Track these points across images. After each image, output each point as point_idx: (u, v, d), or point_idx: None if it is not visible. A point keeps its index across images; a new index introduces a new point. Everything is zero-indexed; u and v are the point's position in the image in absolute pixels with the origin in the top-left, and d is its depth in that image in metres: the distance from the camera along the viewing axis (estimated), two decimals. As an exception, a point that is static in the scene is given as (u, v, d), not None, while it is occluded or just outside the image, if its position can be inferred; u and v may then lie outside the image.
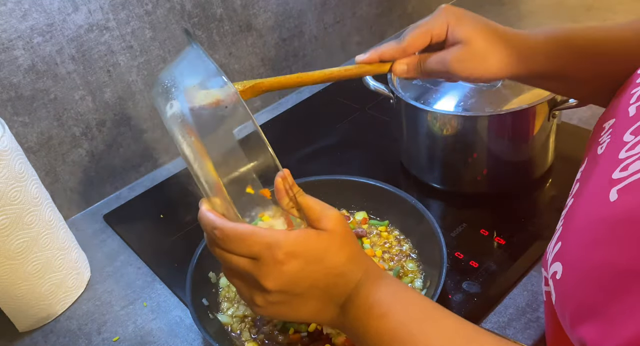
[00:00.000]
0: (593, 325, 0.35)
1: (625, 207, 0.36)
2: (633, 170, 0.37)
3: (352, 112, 1.05)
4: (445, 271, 0.61)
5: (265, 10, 1.03)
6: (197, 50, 0.44)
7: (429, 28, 0.56)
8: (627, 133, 0.42)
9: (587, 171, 0.46)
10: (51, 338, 0.72)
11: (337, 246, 0.43)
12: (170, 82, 0.45)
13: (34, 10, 0.76)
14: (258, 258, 0.42)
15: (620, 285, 0.34)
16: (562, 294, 0.40)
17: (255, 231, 0.42)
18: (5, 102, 0.78)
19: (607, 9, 1.22)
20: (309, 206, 0.44)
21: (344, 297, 0.44)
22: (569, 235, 0.42)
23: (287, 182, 0.43)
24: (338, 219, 0.44)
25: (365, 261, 0.45)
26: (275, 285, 0.42)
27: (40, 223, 0.67)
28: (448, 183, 0.82)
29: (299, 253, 0.42)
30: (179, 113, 0.44)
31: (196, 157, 0.44)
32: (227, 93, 0.42)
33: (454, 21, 0.55)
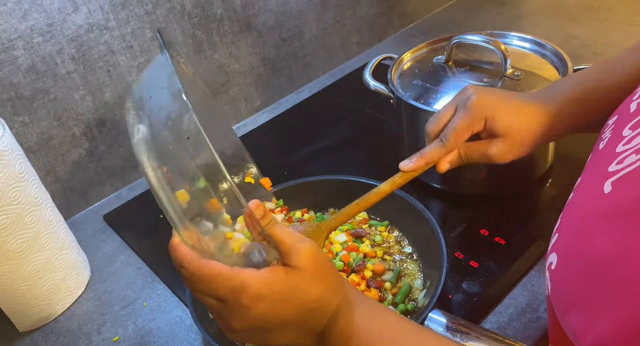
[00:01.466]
0: (581, 313, 0.36)
1: (618, 198, 0.37)
2: (627, 163, 0.38)
3: (352, 112, 1.05)
4: (445, 271, 0.61)
5: (265, 10, 1.03)
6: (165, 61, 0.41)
7: (469, 127, 0.60)
8: (626, 128, 0.43)
9: (588, 166, 0.47)
10: (51, 338, 0.72)
11: (307, 283, 0.42)
12: (139, 100, 0.43)
13: (34, 10, 0.76)
14: (224, 301, 0.41)
15: (603, 274, 0.34)
16: (556, 284, 0.40)
17: (220, 273, 0.41)
18: (5, 102, 0.78)
19: (607, 9, 1.23)
20: (280, 240, 0.43)
21: (320, 327, 0.43)
22: (565, 226, 0.43)
23: (253, 218, 0.41)
24: (309, 254, 0.42)
25: (342, 288, 0.44)
26: (242, 326, 0.42)
27: (40, 223, 0.67)
28: (448, 183, 0.82)
29: (265, 296, 0.41)
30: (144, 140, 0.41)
31: (163, 187, 0.41)
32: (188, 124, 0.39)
33: (491, 115, 0.59)
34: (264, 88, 1.11)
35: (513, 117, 0.59)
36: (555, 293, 0.40)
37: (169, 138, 0.41)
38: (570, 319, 0.37)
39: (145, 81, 0.44)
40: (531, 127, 0.59)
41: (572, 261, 0.39)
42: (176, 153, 0.41)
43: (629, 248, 0.33)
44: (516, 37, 0.81)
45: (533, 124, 0.59)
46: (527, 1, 1.33)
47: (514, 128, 0.59)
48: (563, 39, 1.14)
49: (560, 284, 0.40)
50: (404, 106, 0.77)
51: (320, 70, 1.20)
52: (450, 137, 0.61)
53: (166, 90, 0.41)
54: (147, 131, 0.41)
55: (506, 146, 0.59)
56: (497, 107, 0.60)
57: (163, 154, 0.41)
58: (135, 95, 0.43)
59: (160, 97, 0.41)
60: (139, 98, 0.43)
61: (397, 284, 0.66)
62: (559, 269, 0.40)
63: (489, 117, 0.59)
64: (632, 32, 1.13)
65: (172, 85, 0.40)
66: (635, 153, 0.38)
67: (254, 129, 1.06)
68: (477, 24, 1.27)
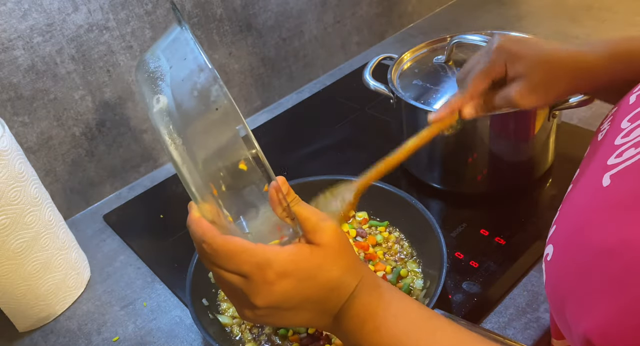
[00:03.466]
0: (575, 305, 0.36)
1: (616, 191, 0.37)
2: (626, 157, 0.38)
3: (352, 112, 1.05)
4: (445, 271, 0.61)
5: (265, 10, 1.03)
6: (186, 36, 0.40)
7: (489, 72, 0.59)
8: (625, 120, 0.42)
9: (587, 158, 0.47)
10: (51, 338, 0.72)
11: (331, 260, 0.42)
12: (157, 70, 0.41)
13: (33, 10, 0.76)
14: (248, 277, 0.40)
15: (598, 265, 0.34)
16: (551, 276, 0.40)
17: (245, 248, 0.40)
18: (5, 102, 0.78)
19: (607, 9, 1.23)
20: (304, 217, 0.42)
21: (337, 308, 0.43)
22: (562, 218, 0.43)
23: (280, 193, 0.41)
24: (333, 232, 0.42)
25: (361, 270, 0.44)
26: (264, 303, 0.41)
27: (40, 223, 0.67)
28: (448, 183, 0.82)
29: (290, 272, 0.40)
30: (166, 111, 0.40)
31: (184, 159, 0.40)
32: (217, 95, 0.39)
33: (511, 58, 0.57)
34: (264, 88, 1.11)
35: (534, 57, 0.56)
36: (550, 284, 0.40)
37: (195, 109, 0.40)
38: (566, 311, 0.37)
39: (160, 52, 0.42)
40: (558, 70, 0.56)
41: (568, 253, 0.39)
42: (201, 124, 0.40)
43: (625, 241, 0.33)
44: (516, 37, 0.81)
45: (560, 68, 0.56)
46: (527, 1, 1.33)
47: (535, 67, 0.56)
48: (563, 39, 1.14)
49: (556, 275, 0.40)
50: (404, 106, 0.77)
51: (320, 70, 1.20)
52: (469, 83, 0.60)
53: (189, 61, 0.40)
54: (168, 101, 0.40)
55: (527, 86, 0.56)
56: (519, 50, 0.57)
57: (186, 125, 0.40)
58: (150, 66, 0.42)
59: (182, 68, 0.41)
60: (156, 69, 0.42)
61: (397, 284, 0.66)
62: (554, 260, 0.40)
63: (509, 60, 0.57)
64: (632, 32, 1.13)
65: (195, 57, 0.39)
66: (634, 146, 0.38)
67: (254, 129, 1.06)
68: (477, 24, 1.27)
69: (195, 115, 0.40)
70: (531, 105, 0.58)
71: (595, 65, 0.55)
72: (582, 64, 0.56)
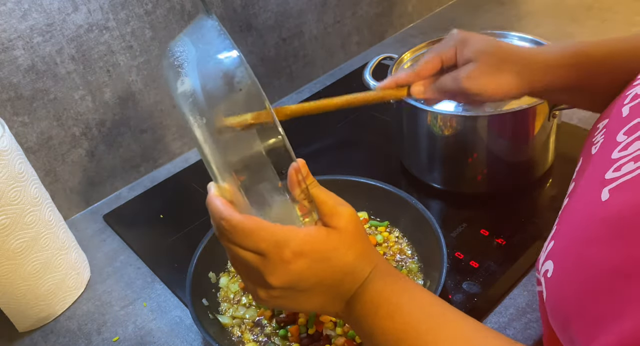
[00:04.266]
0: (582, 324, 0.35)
1: (616, 206, 0.36)
2: (626, 171, 0.38)
3: (352, 112, 1.05)
4: (445, 271, 0.61)
5: (265, 10, 1.03)
6: (213, 23, 0.42)
7: (438, 52, 0.61)
8: (620, 133, 0.42)
9: (581, 171, 0.46)
10: (51, 338, 0.72)
11: (347, 244, 0.43)
12: (182, 55, 0.43)
13: (33, 10, 0.76)
14: (265, 255, 0.41)
15: (607, 284, 0.34)
16: (553, 293, 0.40)
17: (263, 227, 0.41)
18: (5, 102, 0.78)
19: (607, 9, 1.23)
20: (322, 200, 0.43)
21: (350, 293, 0.44)
22: (561, 233, 0.42)
23: (300, 174, 0.42)
24: (350, 217, 0.43)
25: (375, 257, 0.45)
26: (280, 282, 0.42)
27: (40, 223, 0.67)
28: (448, 183, 0.82)
29: (306, 253, 0.41)
30: (190, 91, 0.41)
31: (206, 139, 0.42)
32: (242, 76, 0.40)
33: (461, 43, 0.59)
34: (264, 88, 1.10)
35: (487, 45, 0.57)
36: (552, 302, 0.40)
37: (219, 90, 0.41)
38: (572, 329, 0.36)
39: (187, 38, 0.44)
40: (508, 60, 0.56)
41: (571, 270, 0.38)
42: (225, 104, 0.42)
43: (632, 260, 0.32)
44: (516, 37, 0.81)
45: (510, 59, 0.56)
46: (527, 1, 1.33)
47: (485, 54, 0.57)
48: (563, 39, 1.14)
49: (559, 293, 0.39)
50: (404, 106, 0.77)
51: (320, 70, 1.20)
52: (419, 63, 0.62)
53: (216, 45, 0.41)
54: (193, 83, 0.41)
55: (476, 70, 0.57)
56: (469, 37, 0.59)
57: (210, 105, 0.41)
58: (176, 51, 0.43)
59: (209, 52, 0.42)
60: (182, 53, 0.43)
61: (397, 284, 0.66)
62: (556, 277, 0.40)
63: (459, 45, 0.59)
64: (632, 32, 1.13)
65: (220, 42, 0.41)
66: (633, 160, 0.38)
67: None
68: (477, 24, 1.27)
69: (220, 96, 0.42)
70: (478, 89, 0.57)
71: (549, 60, 0.56)
72: (533, 57, 0.56)
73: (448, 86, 0.60)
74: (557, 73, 0.56)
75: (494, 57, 0.57)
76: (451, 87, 0.59)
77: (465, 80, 0.57)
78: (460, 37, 0.60)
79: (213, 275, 0.71)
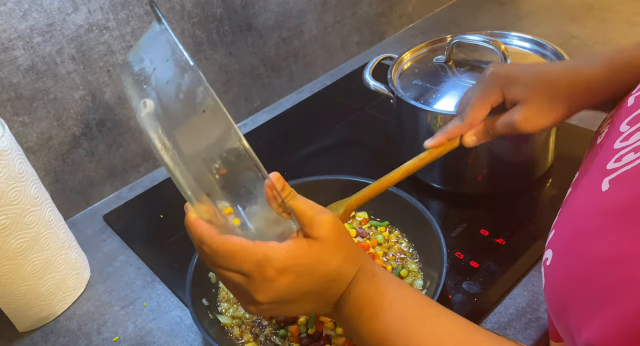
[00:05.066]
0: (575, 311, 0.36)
1: (615, 197, 0.37)
2: (626, 161, 0.38)
3: (352, 112, 1.05)
4: (445, 271, 0.61)
5: (265, 10, 1.03)
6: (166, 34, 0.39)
7: (485, 99, 0.59)
8: (624, 123, 0.42)
9: (586, 161, 0.46)
10: (51, 338, 0.72)
11: (329, 253, 0.42)
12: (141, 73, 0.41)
13: (33, 10, 0.76)
14: (248, 275, 0.41)
15: (600, 272, 0.34)
16: (550, 281, 0.40)
17: (244, 247, 0.40)
18: (5, 102, 0.78)
19: (607, 9, 1.23)
20: (301, 211, 0.43)
21: (336, 297, 0.44)
22: (562, 223, 0.43)
23: (274, 189, 0.41)
24: (331, 224, 0.43)
25: (359, 258, 0.45)
26: (267, 298, 0.42)
27: (40, 223, 0.67)
28: (448, 183, 0.82)
29: (289, 268, 0.41)
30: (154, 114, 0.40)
31: (176, 162, 0.40)
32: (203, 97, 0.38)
33: (507, 83, 0.57)
34: (264, 88, 1.11)
35: (531, 80, 0.56)
36: (550, 290, 0.40)
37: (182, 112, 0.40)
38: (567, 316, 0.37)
39: (143, 53, 0.42)
40: (556, 91, 0.55)
41: (567, 258, 0.39)
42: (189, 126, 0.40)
43: (626, 249, 0.33)
44: (516, 37, 0.81)
45: (558, 89, 0.55)
46: (527, 1, 1.33)
47: (534, 93, 0.56)
48: (563, 39, 1.14)
49: (555, 281, 0.39)
50: (404, 106, 0.77)
51: (320, 70, 1.20)
52: (467, 111, 0.61)
53: (171, 62, 0.39)
54: (155, 105, 0.40)
55: (529, 112, 0.56)
56: (512, 75, 0.57)
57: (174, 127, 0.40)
58: (135, 68, 0.41)
59: (166, 69, 0.40)
60: (140, 71, 0.41)
61: (397, 284, 0.66)
62: (553, 266, 0.40)
63: (504, 85, 0.57)
64: (632, 32, 1.13)
65: (178, 57, 0.39)
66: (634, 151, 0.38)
67: (254, 129, 1.06)
68: (477, 24, 1.27)
69: (183, 118, 0.40)
70: (535, 129, 0.57)
71: (594, 79, 0.54)
72: (580, 78, 0.55)
73: (503, 131, 0.60)
74: (601, 93, 0.55)
75: (544, 96, 0.56)
76: (506, 131, 0.59)
77: (521, 124, 0.57)
78: (504, 76, 0.58)
79: (213, 275, 0.71)
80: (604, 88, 0.54)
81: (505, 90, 0.58)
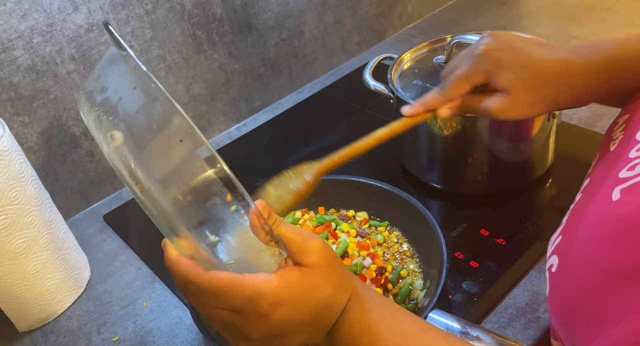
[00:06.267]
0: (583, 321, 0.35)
1: (626, 207, 0.36)
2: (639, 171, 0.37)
3: (352, 112, 1.05)
4: (445, 271, 0.61)
5: (265, 10, 1.03)
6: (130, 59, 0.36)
7: (469, 77, 0.57)
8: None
9: (597, 167, 0.46)
10: (51, 338, 0.72)
11: (322, 279, 0.41)
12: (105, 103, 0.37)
13: (34, 10, 0.76)
14: (240, 312, 0.38)
15: (612, 284, 0.34)
16: (555, 287, 0.40)
17: (234, 283, 0.37)
18: (5, 102, 0.78)
19: (607, 9, 1.23)
20: (290, 239, 0.40)
21: (330, 325, 0.42)
22: (570, 230, 0.42)
23: (261, 218, 0.39)
24: (321, 249, 0.41)
25: (351, 284, 0.43)
26: (261, 334, 0.40)
27: (40, 223, 0.67)
28: (448, 183, 0.82)
29: (283, 300, 0.39)
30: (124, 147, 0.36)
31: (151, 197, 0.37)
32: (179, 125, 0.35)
33: (494, 68, 0.55)
34: (264, 88, 1.11)
35: (520, 73, 0.54)
36: (554, 296, 0.40)
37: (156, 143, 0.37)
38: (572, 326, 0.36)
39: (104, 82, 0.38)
40: (542, 87, 0.54)
41: (575, 267, 0.38)
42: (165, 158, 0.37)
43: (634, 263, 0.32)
44: (516, 37, 0.81)
45: (545, 85, 0.54)
46: (527, 1, 1.33)
47: (519, 86, 0.54)
48: (563, 39, 1.14)
49: (561, 288, 0.39)
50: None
51: (320, 70, 1.20)
52: (448, 85, 0.59)
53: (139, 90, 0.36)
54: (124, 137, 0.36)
55: (508, 103, 0.55)
56: (502, 60, 0.55)
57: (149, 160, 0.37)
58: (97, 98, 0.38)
59: (134, 98, 0.37)
60: (104, 101, 0.37)
61: (397, 284, 0.66)
62: (560, 272, 0.40)
63: (492, 71, 0.56)
64: (632, 32, 1.13)
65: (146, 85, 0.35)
66: None
67: (254, 129, 1.06)
68: (477, 24, 1.27)
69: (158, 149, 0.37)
70: (509, 118, 0.57)
71: (589, 77, 0.53)
72: (575, 77, 0.53)
73: (478, 112, 0.58)
74: (587, 86, 0.53)
75: (527, 89, 0.54)
76: (481, 114, 0.58)
77: (498, 113, 0.56)
78: (494, 60, 0.56)
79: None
80: (599, 86, 0.53)
81: (491, 74, 0.56)
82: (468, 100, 0.59)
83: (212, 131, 1.06)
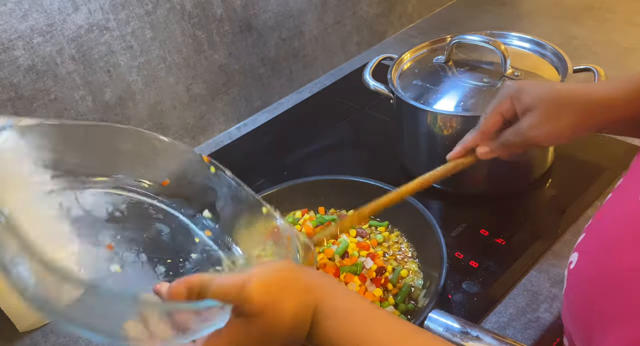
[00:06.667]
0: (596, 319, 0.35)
1: None
2: None
3: (352, 112, 1.05)
4: (445, 271, 0.61)
5: (265, 10, 1.03)
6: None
7: (497, 108, 0.59)
8: None
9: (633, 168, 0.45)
10: (51, 338, 0.72)
11: (273, 319, 0.39)
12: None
13: (34, 10, 0.76)
14: None
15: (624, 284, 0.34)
16: (573, 284, 0.40)
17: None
18: (5, 102, 0.78)
19: (607, 9, 1.23)
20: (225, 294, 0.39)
21: (301, 341, 0.42)
22: (593, 228, 0.42)
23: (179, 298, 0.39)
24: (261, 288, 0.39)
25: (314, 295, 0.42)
26: None
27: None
28: (448, 183, 0.82)
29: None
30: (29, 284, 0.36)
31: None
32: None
33: (516, 93, 0.57)
34: (264, 88, 1.11)
35: (542, 91, 0.56)
36: (571, 292, 0.40)
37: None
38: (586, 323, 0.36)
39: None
40: (567, 102, 0.54)
41: (594, 266, 0.38)
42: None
43: None
44: (516, 37, 0.81)
45: (569, 101, 0.54)
46: (527, 1, 1.34)
47: (542, 100, 0.55)
48: (563, 39, 1.14)
49: (578, 285, 0.39)
50: (404, 106, 0.77)
51: (320, 70, 1.20)
52: (481, 122, 0.61)
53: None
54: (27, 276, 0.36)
55: (536, 118, 0.55)
56: (525, 85, 0.57)
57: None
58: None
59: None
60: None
61: (397, 284, 0.67)
62: (578, 269, 0.40)
63: (515, 94, 0.57)
64: (632, 32, 1.13)
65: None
66: None
67: (254, 129, 1.06)
68: (477, 24, 1.27)
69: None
70: (541, 137, 0.56)
71: (611, 97, 0.53)
72: (596, 95, 0.54)
73: (512, 140, 0.59)
74: (616, 111, 0.54)
75: (552, 104, 0.55)
76: (515, 139, 0.59)
77: (528, 130, 0.56)
78: (515, 87, 0.58)
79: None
80: (623, 109, 0.53)
81: (515, 99, 0.57)
82: (505, 135, 0.60)
83: (212, 131, 1.06)
